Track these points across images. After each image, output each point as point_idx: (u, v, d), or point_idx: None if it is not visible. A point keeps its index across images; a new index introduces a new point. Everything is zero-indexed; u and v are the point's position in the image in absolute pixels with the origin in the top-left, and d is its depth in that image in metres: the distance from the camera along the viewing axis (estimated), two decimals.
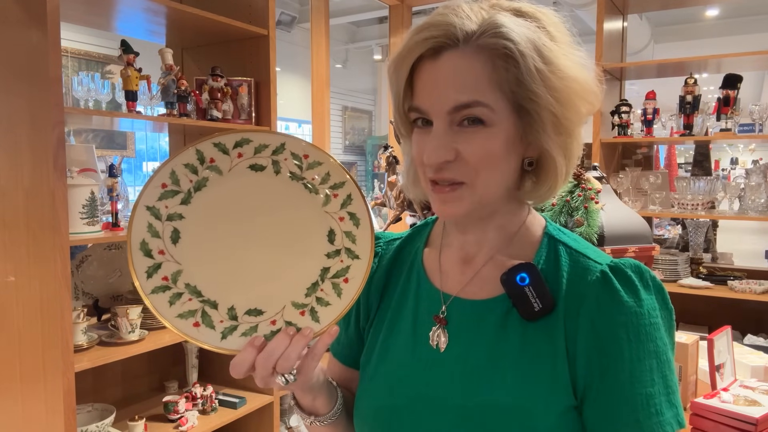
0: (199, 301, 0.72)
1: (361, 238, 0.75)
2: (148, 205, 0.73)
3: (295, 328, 0.72)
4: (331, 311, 0.74)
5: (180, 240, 0.73)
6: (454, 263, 0.81)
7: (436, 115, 0.70)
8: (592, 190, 1.73)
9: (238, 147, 0.74)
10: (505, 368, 0.71)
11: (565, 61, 0.70)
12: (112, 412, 2.01)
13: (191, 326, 0.71)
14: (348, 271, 0.75)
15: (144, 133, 5.86)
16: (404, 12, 3.88)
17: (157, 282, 0.72)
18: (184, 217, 0.74)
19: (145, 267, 0.72)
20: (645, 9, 4.50)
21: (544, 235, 0.79)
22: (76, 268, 2.21)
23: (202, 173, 0.74)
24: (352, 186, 0.75)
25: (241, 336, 0.72)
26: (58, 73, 1.64)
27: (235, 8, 2.39)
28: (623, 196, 3.17)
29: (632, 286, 0.70)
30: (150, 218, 0.72)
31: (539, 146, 0.72)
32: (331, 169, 0.75)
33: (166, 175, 0.73)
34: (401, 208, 3.29)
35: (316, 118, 3.59)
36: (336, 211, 0.76)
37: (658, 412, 0.68)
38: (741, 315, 2.97)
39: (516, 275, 0.72)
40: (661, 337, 0.70)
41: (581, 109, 0.72)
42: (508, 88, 0.68)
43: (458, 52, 0.68)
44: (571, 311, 0.71)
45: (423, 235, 0.88)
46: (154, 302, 0.71)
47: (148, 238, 0.72)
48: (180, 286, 0.72)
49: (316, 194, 0.76)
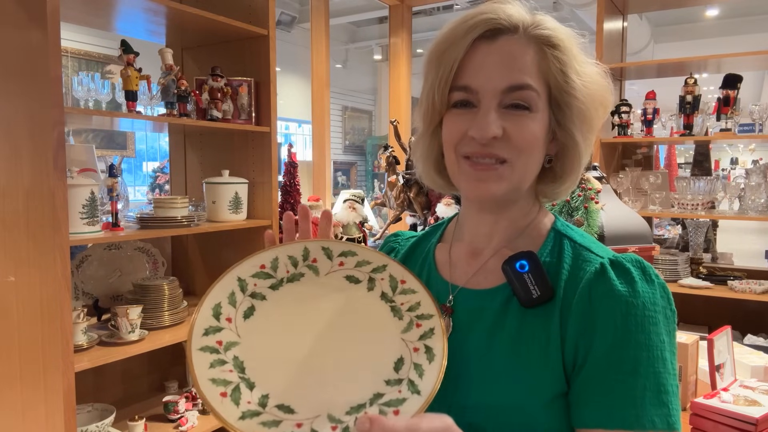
0: (239, 377, 0.70)
1: (428, 374, 0.70)
2: (240, 276, 0.74)
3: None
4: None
5: (251, 317, 0.73)
6: (463, 256, 0.84)
7: (489, 94, 0.72)
8: (592, 190, 1.73)
9: (342, 256, 0.77)
10: (499, 355, 0.73)
11: (588, 66, 0.77)
12: (112, 412, 2.01)
13: (218, 394, 0.68)
14: (402, 403, 0.68)
15: (144, 133, 5.87)
16: (404, 12, 3.88)
17: (210, 342, 0.71)
18: (267, 299, 0.75)
19: (207, 325, 0.72)
20: (645, 9, 4.50)
21: (551, 230, 0.81)
22: (76, 268, 2.21)
23: (300, 268, 0.76)
24: (438, 322, 0.73)
25: (260, 425, 0.67)
26: (58, 73, 1.64)
27: (235, 8, 2.39)
28: (623, 196, 3.17)
29: (628, 278, 0.71)
30: (235, 288, 0.74)
31: (564, 142, 0.76)
32: (422, 300, 0.74)
33: (269, 259, 0.76)
34: (401, 208, 3.30)
35: (316, 118, 3.59)
36: (413, 341, 0.72)
37: (638, 404, 0.66)
38: (741, 315, 2.97)
39: (516, 262, 0.75)
40: (657, 332, 0.69)
41: (600, 110, 0.78)
42: (552, 78, 0.73)
43: (515, 38, 0.73)
44: (567, 300, 0.73)
45: (437, 233, 0.92)
46: (196, 358, 0.70)
47: (224, 303, 0.73)
48: (228, 356, 0.71)
49: (399, 319, 0.74)
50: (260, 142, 2.46)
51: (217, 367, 0.70)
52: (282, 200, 3.10)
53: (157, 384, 2.52)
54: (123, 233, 1.95)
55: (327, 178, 3.61)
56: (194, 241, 2.66)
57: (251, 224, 2.43)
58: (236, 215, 2.38)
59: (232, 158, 2.51)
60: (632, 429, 0.65)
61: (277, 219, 2.52)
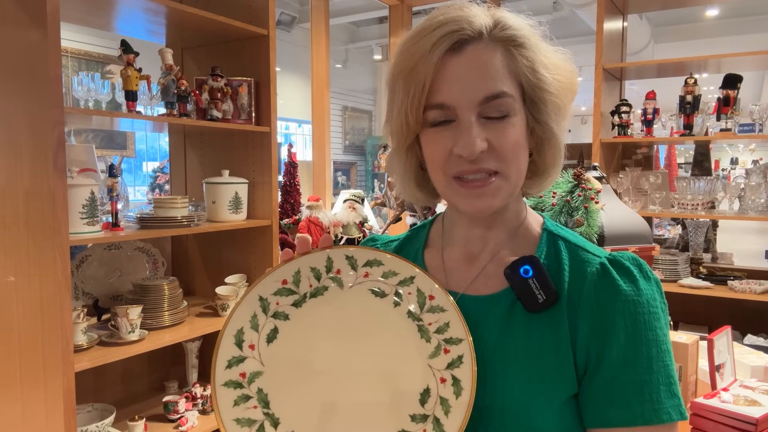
0: (263, 413, 0.69)
1: (455, 412, 0.66)
2: (261, 295, 0.72)
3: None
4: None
5: (275, 341, 0.71)
6: (458, 261, 0.82)
7: (466, 107, 0.71)
8: (592, 190, 1.73)
9: (368, 266, 0.73)
10: (509, 362, 0.72)
11: (553, 55, 0.76)
12: (112, 412, 2.01)
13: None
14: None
15: (144, 133, 5.86)
16: (404, 12, 3.88)
17: (234, 376, 0.70)
18: (290, 319, 0.72)
19: (230, 356, 0.70)
20: (645, 9, 4.50)
21: (543, 231, 0.81)
22: (76, 268, 2.21)
23: (323, 281, 0.73)
24: (467, 348, 0.69)
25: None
26: (58, 73, 1.64)
27: (235, 8, 2.39)
28: (623, 196, 3.17)
29: (630, 276, 0.72)
30: (257, 309, 0.72)
31: (542, 136, 0.76)
32: (452, 321, 0.70)
33: (290, 273, 0.73)
34: (401, 208, 3.30)
35: (316, 118, 3.59)
36: (440, 369, 0.69)
37: (654, 399, 0.68)
38: (741, 315, 2.97)
39: (519, 268, 0.74)
40: (661, 327, 0.71)
41: (569, 96, 0.78)
42: (523, 77, 0.72)
43: (481, 45, 0.71)
44: (572, 302, 0.73)
45: (421, 237, 0.89)
46: (220, 395, 0.69)
47: (246, 328, 0.71)
48: (252, 389, 0.69)
49: (427, 342, 0.70)
50: (260, 142, 2.46)
51: (241, 405, 0.69)
52: (282, 200, 3.10)
53: (157, 384, 2.52)
54: (123, 233, 1.95)
55: (327, 178, 3.61)
56: (194, 241, 2.66)
57: (251, 224, 2.43)
58: (236, 215, 2.38)
59: (232, 158, 2.51)
60: (652, 424, 0.68)
61: (277, 219, 2.52)
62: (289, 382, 0.70)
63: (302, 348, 0.71)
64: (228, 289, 2.40)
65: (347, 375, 0.70)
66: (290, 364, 0.70)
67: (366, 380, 0.70)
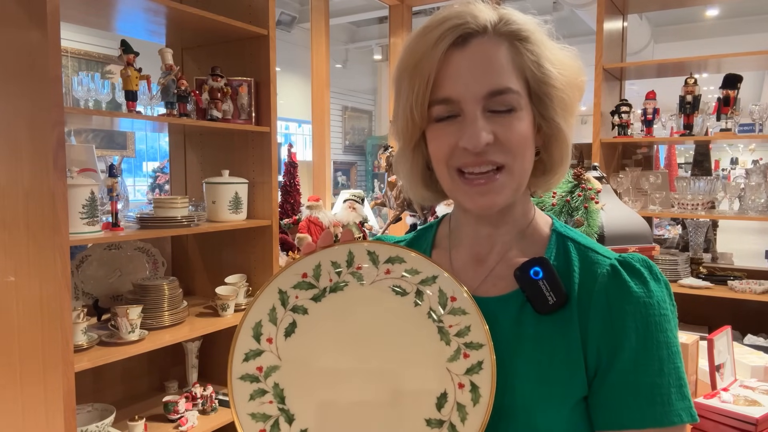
0: (279, 408, 0.68)
1: (471, 419, 0.65)
2: (281, 288, 0.71)
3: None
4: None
5: (292, 335, 0.70)
6: (466, 262, 0.82)
7: (470, 102, 0.70)
8: (592, 190, 1.73)
9: (389, 263, 0.71)
10: (520, 364, 0.72)
11: (559, 51, 0.76)
12: (112, 412, 2.01)
13: (257, 431, 0.68)
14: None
15: (144, 133, 5.86)
16: (404, 12, 3.88)
17: (250, 369, 0.69)
18: (308, 313, 0.71)
19: (247, 349, 0.70)
20: (645, 9, 4.50)
21: (552, 232, 0.80)
22: (76, 268, 2.21)
23: (344, 276, 0.72)
24: (487, 354, 0.67)
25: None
26: (58, 73, 1.64)
27: (235, 8, 2.39)
28: (623, 196, 3.17)
29: (641, 278, 0.72)
30: (276, 302, 0.71)
31: (550, 132, 0.75)
32: (473, 324, 0.69)
33: (311, 266, 0.72)
34: (401, 208, 3.30)
35: (316, 118, 3.59)
36: (459, 374, 0.67)
37: (665, 401, 0.68)
38: (741, 315, 2.97)
39: (530, 269, 0.73)
40: (671, 328, 0.71)
41: (576, 93, 0.77)
42: (528, 72, 0.72)
43: (486, 39, 0.71)
44: (583, 304, 0.72)
45: (428, 238, 0.88)
46: (236, 389, 0.68)
47: (264, 321, 0.70)
48: (269, 384, 0.69)
49: (447, 344, 0.69)
50: (260, 142, 2.46)
51: (257, 399, 0.68)
52: (282, 200, 3.10)
53: (157, 384, 2.52)
54: (123, 233, 1.95)
55: (327, 178, 3.61)
56: (194, 241, 2.66)
57: (251, 224, 2.43)
58: (236, 215, 2.38)
59: (232, 158, 2.51)
60: (663, 426, 0.67)
61: (277, 219, 2.52)
62: (305, 379, 0.69)
63: (320, 344, 0.70)
64: (228, 289, 2.40)
65: (363, 375, 0.69)
66: (307, 360, 0.70)
67: (382, 381, 0.69)
